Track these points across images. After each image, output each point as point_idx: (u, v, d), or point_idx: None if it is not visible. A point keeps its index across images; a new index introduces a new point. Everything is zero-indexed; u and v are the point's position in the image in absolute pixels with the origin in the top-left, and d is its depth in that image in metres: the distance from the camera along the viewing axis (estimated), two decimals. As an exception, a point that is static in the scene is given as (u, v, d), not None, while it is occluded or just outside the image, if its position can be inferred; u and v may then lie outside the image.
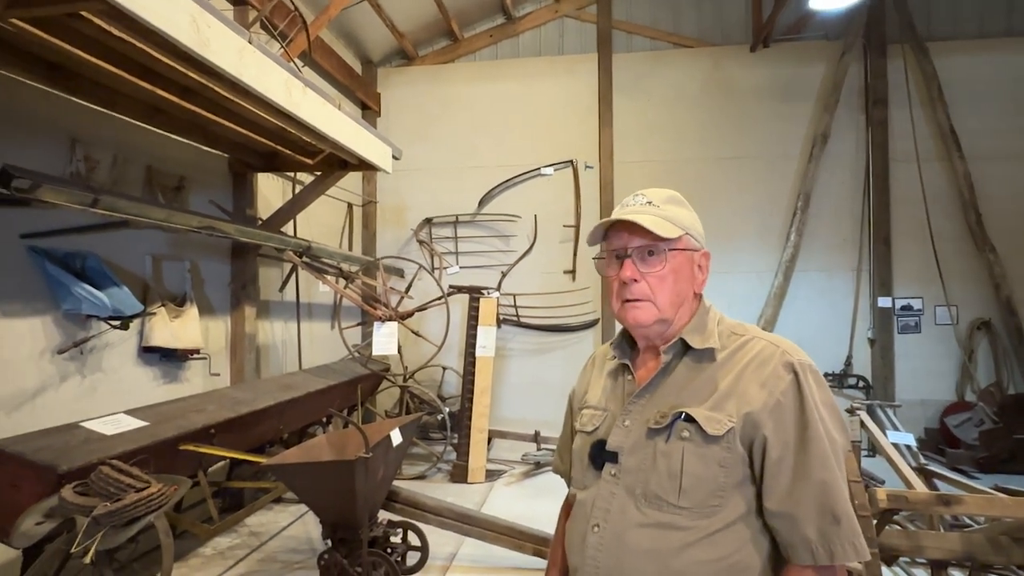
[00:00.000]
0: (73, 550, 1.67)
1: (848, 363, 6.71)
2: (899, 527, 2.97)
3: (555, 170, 7.28)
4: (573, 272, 7.23)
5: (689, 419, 1.12)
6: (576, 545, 1.23)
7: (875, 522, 2.30)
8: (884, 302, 6.67)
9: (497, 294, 5.97)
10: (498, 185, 7.33)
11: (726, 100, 7.08)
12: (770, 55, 7.04)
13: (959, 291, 6.61)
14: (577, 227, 7.21)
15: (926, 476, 3.45)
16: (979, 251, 6.56)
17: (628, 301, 1.21)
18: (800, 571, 1.07)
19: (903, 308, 6.70)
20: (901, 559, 2.84)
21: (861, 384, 6.63)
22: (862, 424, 3.55)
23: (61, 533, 2.07)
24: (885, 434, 4.11)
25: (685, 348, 1.21)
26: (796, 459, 1.07)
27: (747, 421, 1.09)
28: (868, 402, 4.76)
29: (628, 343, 1.33)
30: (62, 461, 2.44)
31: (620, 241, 1.22)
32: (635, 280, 1.19)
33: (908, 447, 4.17)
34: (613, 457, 1.19)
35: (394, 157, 5.00)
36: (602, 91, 7.26)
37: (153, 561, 3.59)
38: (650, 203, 1.23)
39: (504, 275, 7.03)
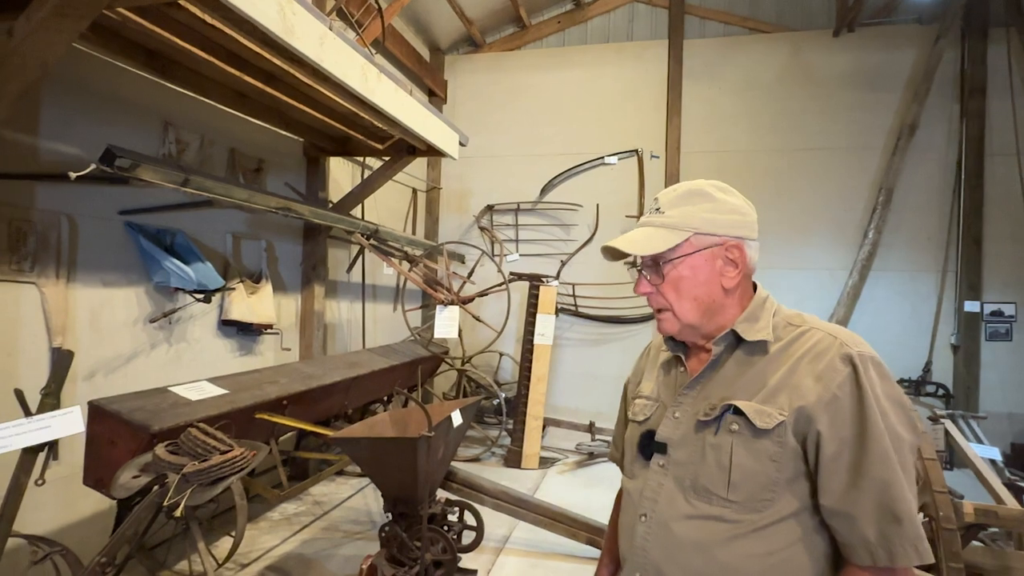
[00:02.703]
0: (165, 503, 1.79)
1: (927, 369, 6.32)
2: (982, 544, 2.79)
3: (619, 159, 7.17)
4: (634, 263, 7.10)
5: (738, 412, 1.10)
6: (626, 534, 1.24)
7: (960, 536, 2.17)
8: (971, 306, 6.22)
9: (556, 283, 5.96)
10: (561, 173, 7.28)
11: (804, 88, 6.75)
12: (855, 40, 6.64)
13: (1059, 298, 6.09)
14: (639, 217, 7.06)
15: (1015, 492, 3.22)
16: (1085, 255, 6.02)
17: (656, 312, 1.24)
18: (859, 572, 1.03)
19: (993, 313, 6.23)
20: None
21: (941, 392, 6.23)
22: (946, 433, 3.34)
23: (151, 488, 2.23)
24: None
25: (738, 340, 1.18)
26: (854, 456, 1.02)
27: (800, 415, 1.05)
28: (949, 412, 4.47)
29: None
30: (154, 422, 2.63)
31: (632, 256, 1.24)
32: (649, 293, 1.22)
33: (993, 462, 3.90)
34: (662, 448, 1.19)
35: (460, 144, 5.05)
36: (671, 78, 7.06)
37: (227, 521, 3.83)
38: (658, 209, 1.22)
39: (564, 264, 7.00)
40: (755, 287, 1.25)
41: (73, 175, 2.62)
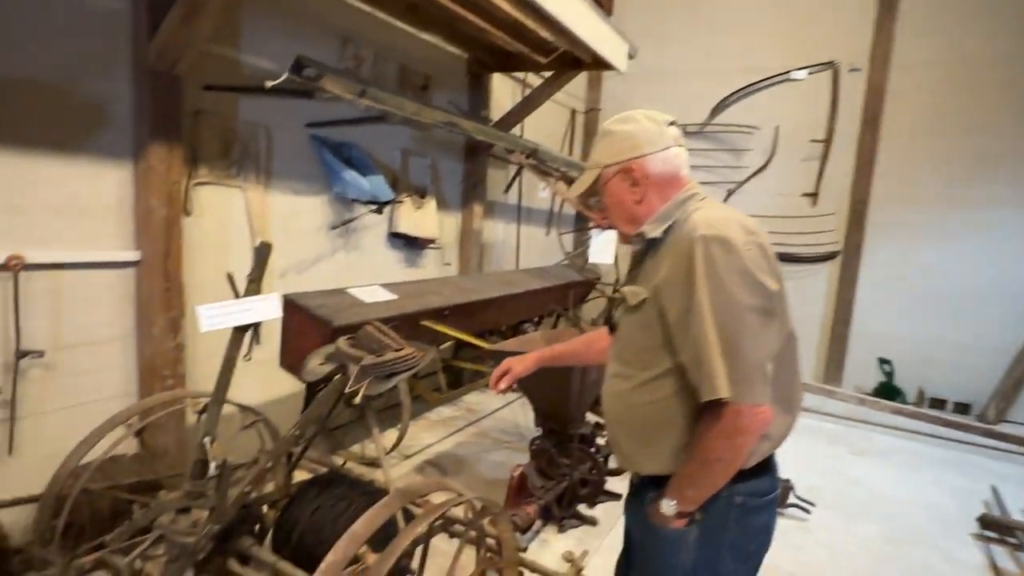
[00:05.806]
0: (346, 390, 1.91)
1: None
2: None
3: (810, 73, 6.21)
4: (815, 195, 6.28)
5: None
6: None
7: None
8: None
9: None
10: (736, 91, 6.52)
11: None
12: None
13: None
14: (828, 143, 6.17)
15: None
16: None
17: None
18: (705, 410, 1.24)
19: None
20: None
21: None
22: None
23: (333, 376, 2.42)
24: None
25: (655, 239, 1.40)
26: (685, 320, 1.25)
27: (656, 292, 1.32)
28: None
29: None
30: (335, 318, 2.87)
31: None
32: (601, 221, 1.59)
33: None
34: (616, 327, 1.53)
35: (629, 56, 4.68)
36: (889, -30, 5.84)
37: (391, 416, 4.20)
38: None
39: (731, 193, 6.41)
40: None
41: (268, 83, 2.80)
